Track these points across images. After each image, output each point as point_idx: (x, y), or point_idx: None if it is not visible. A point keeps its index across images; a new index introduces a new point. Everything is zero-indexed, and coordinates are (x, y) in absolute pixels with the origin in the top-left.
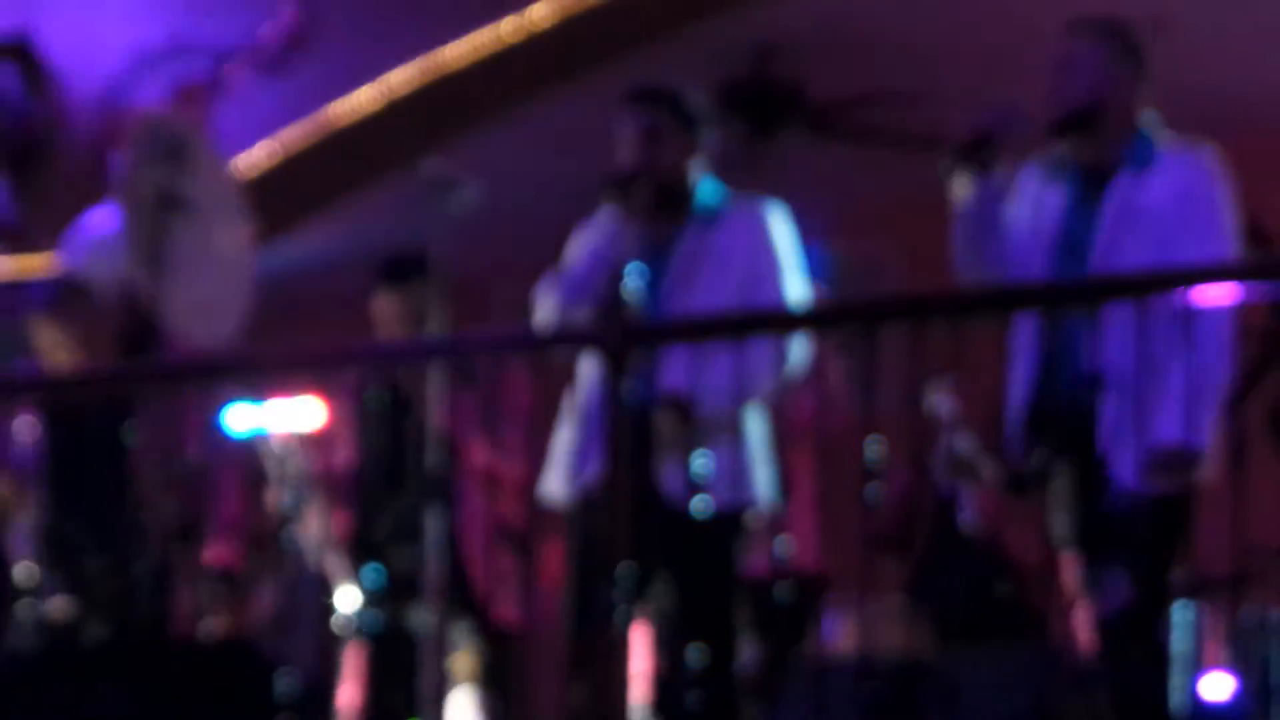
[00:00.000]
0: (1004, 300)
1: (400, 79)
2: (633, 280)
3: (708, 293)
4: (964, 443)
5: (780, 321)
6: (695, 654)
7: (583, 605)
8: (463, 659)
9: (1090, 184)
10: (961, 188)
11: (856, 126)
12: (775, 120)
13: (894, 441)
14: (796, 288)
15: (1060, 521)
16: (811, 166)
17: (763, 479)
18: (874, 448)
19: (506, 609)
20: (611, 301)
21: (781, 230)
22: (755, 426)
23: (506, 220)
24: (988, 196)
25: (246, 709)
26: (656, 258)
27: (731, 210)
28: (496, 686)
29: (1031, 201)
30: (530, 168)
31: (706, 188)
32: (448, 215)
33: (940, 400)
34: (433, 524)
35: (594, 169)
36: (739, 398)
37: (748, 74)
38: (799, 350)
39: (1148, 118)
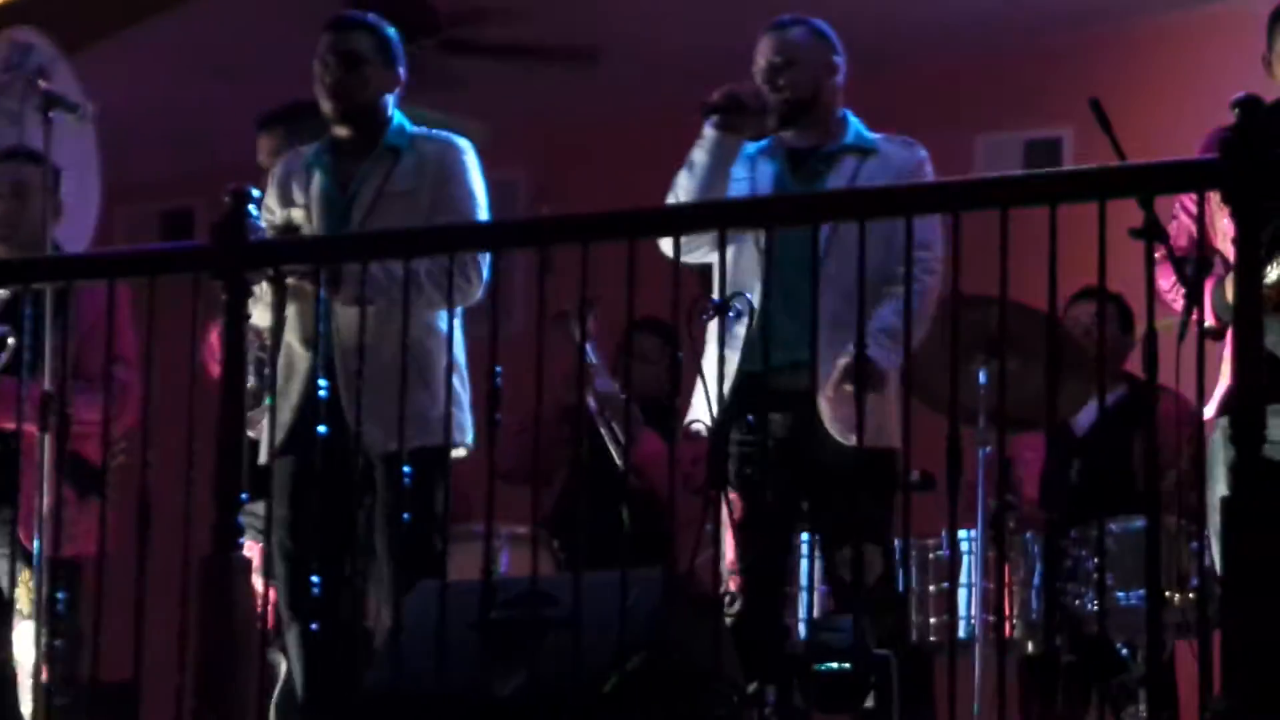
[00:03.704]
0: (637, 225)
1: None
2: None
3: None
4: (605, 380)
5: (411, 242)
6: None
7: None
8: (20, 592)
9: (802, 164)
10: (705, 142)
11: (490, 43)
12: (403, 33)
13: (526, 370)
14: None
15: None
16: (446, 84)
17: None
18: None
19: (70, 544)
20: (231, 224)
21: (470, 165)
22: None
23: (120, 137)
24: (723, 156)
25: None
26: (345, 191)
27: (419, 145)
28: (57, 620)
29: (747, 172)
30: (141, 83)
31: (398, 122)
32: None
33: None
34: None
35: (206, 84)
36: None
37: None
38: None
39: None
